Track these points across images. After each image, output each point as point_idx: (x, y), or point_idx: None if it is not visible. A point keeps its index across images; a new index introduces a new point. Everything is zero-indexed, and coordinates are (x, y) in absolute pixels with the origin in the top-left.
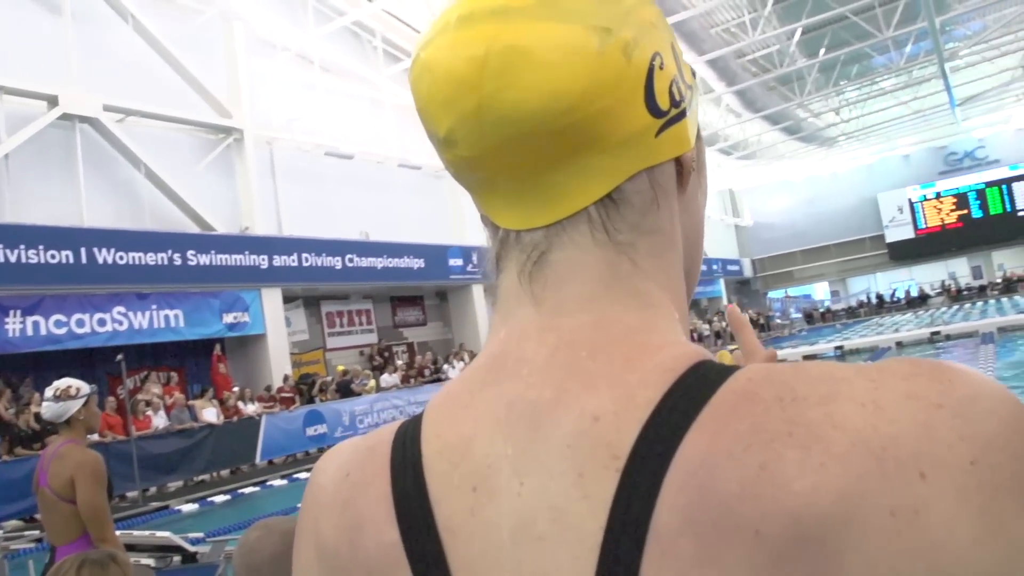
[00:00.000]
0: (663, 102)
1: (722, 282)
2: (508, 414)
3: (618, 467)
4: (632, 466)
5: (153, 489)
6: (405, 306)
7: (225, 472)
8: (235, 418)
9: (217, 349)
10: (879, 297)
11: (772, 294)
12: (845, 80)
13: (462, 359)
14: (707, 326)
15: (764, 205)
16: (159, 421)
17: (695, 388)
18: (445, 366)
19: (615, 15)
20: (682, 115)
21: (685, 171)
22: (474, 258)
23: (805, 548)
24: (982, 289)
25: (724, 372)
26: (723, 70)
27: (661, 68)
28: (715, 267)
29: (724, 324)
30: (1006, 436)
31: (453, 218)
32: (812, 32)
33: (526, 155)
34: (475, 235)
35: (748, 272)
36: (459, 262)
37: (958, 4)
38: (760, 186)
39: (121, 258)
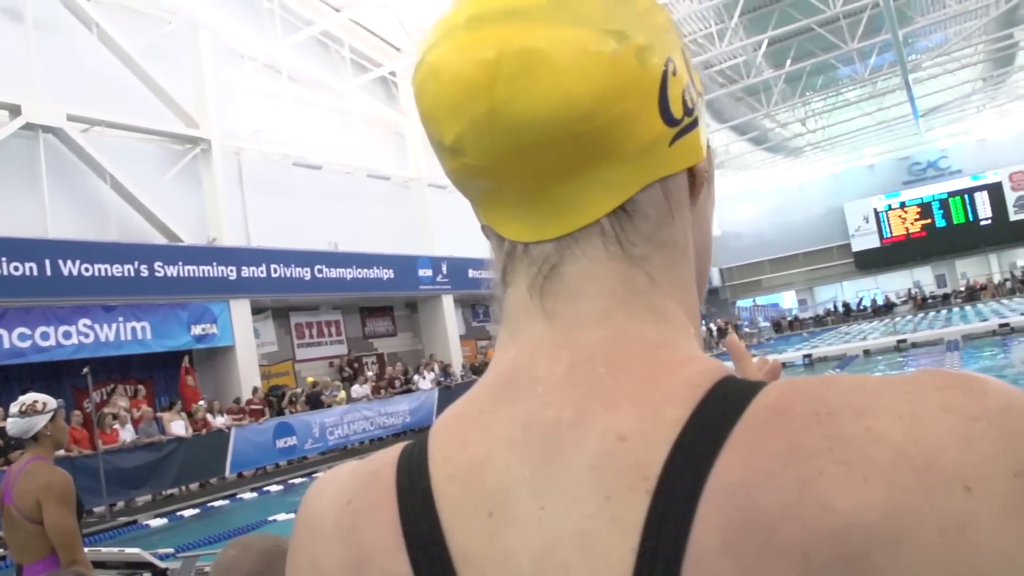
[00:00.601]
0: (676, 110)
1: None
2: (524, 435)
3: (648, 488)
4: (663, 487)
5: (121, 504)
6: (375, 317)
7: (194, 486)
8: (204, 431)
9: (185, 361)
10: (846, 305)
11: (740, 303)
12: (811, 91)
13: (432, 369)
14: None
15: (732, 215)
16: (126, 435)
17: (724, 404)
18: (415, 377)
19: (629, 18)
20: (695, 124)
21: (698, 182)
22: (444, 268)
23: (851, 567)
24: (946, 297)
25: (752, 387)
26: None
27: (674, 74)
28: None
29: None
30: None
31: (422, 228)
32: (778, 43)
33: (537, 164)
34: (444, 245)
35: (716, 281)
36: (428, 272)
37: (920, 17)
38: (728, 196)
39: (87, 270)
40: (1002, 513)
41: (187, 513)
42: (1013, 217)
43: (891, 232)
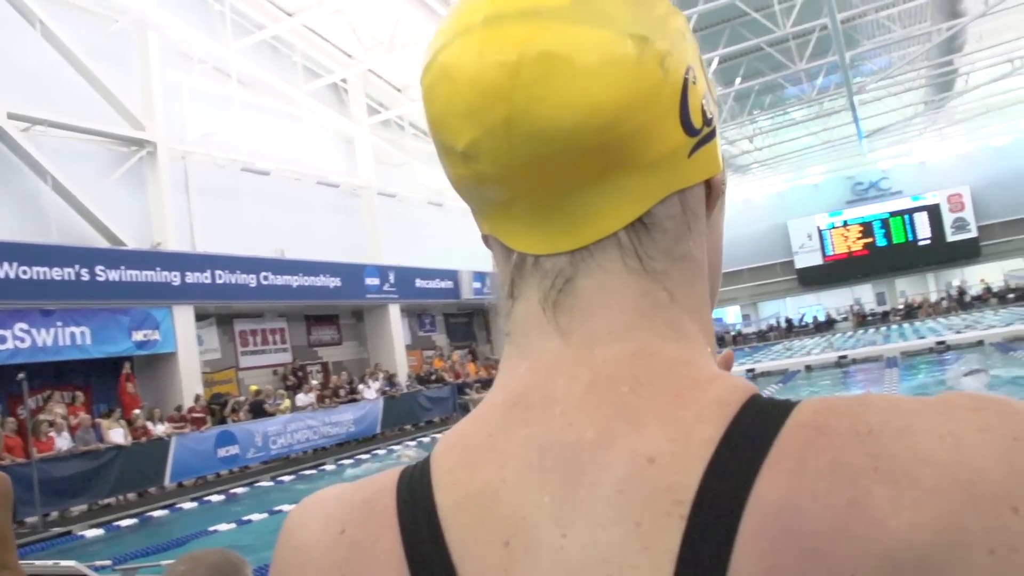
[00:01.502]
0: (696, 120)
1: None
2: (542, 459)
3: (682, 513)
4: (699, 511)
5: (55, 514)
6: (320, 325)
7: (132, 495)
8: (143, 439)
9: (126, 368)
10: (788, 321)
11: None
12: (759, 109)
13: (377, 379)
14: None
15: None
16: (63, 443)
17: (758, 423)
18: (360, 386)
19: (650, 23)
20: (713, 134)
21: (714, 194)
22: (391, 277)
23: None
24: (885, 315)
25: (783, 405)
26: None
27: (694, 83)
28: None
29: None
30: None
31: (370, 237)
32: (728, 61)
33: (555, 174)
34: (392, 255)
35: None
36: (376, 281)
37: (866, 41)
38: None
39: (24, 272)
40: None
41: (124, 523)
42: (950, 238)
43: (833, 250)
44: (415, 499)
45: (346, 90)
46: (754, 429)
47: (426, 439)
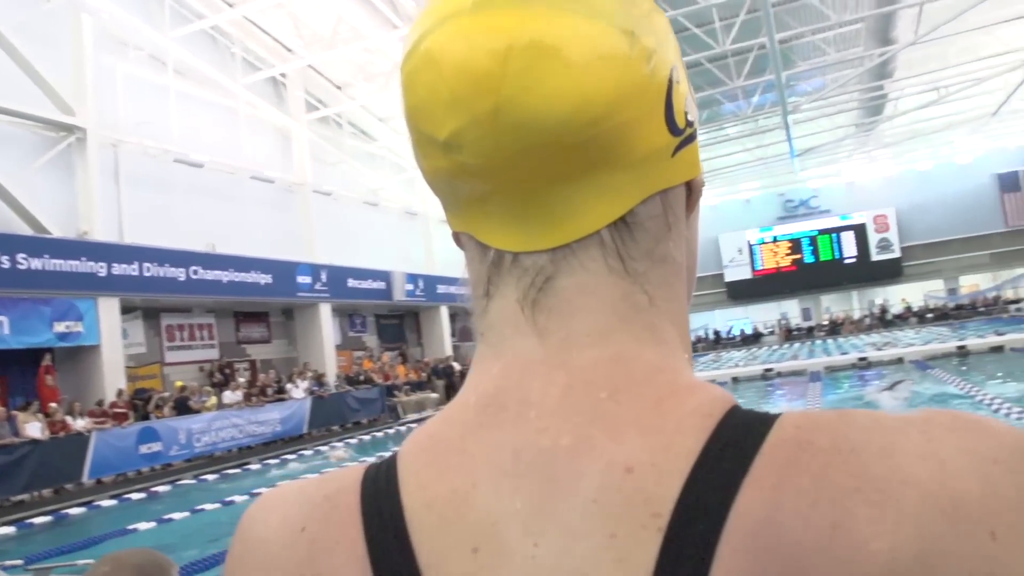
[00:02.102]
0: (680, 119)
1: None
2: (515, 464)
3: (660, 526)
4: (677, 525)
5: None
6: (249, 322)
7: (48, 492)
8: (61, 433)
9: (45, 359)
10: (716, 333)
11: None
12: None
13: (306, 378)
14: None
15: None
16: None
17: (739, 436)
18: (288, 385)
19: (638, 19)
20: (694, 136)
21: (694, 196)
22: (323, 276)
23: None
24: (810, 330)
25: (764, 418)
26: None
27: (678, 83)
28: None
29: None
30: None
31: (304, 235)
32: None
33: (539, 167)
34: (325, 253)
35: None
36: (308, 279)
37: (802, 62)
38: None
39: None
40: None
41: (39, 521)
42: (875, 257)
43: (763, 265)
44: (380, 499)
45: (285, 85)
46: (735, 442)
47: (354, 440)
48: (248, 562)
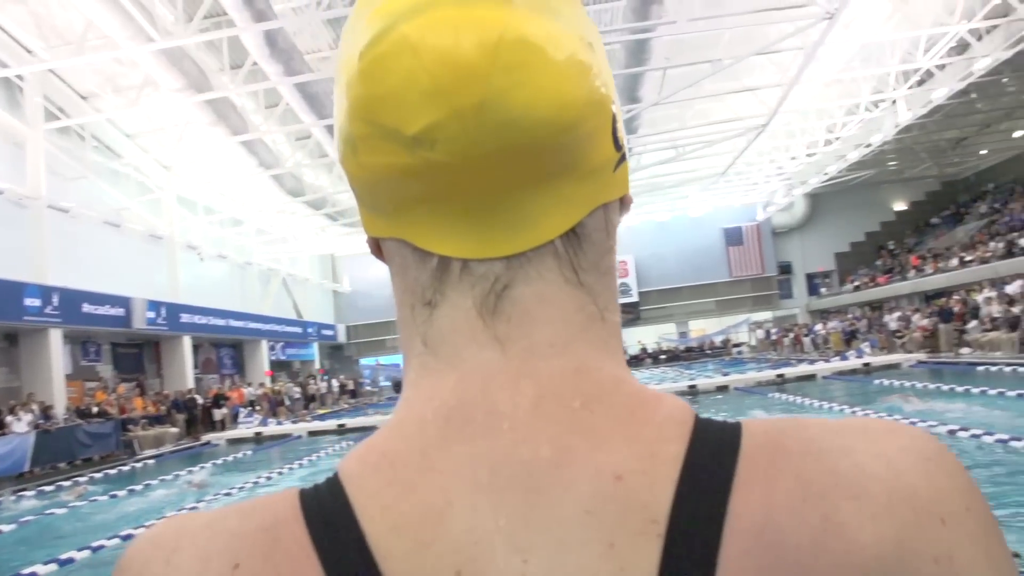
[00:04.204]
0: (620, 135)
1: (316, 346)
2: (493, 478)
3: (658, 532)
4: (676, 530)
5: None
6: None
7: None
8: None
9: None
10: None
11: (364, 361)
12: None
13: (31, 410)
14: (298, 389)
15: (363, 273)
16: None
17: (716, 441)
18: (9, 418)
19: (590, 30)
20: (626, 154)
21: (623, 212)
22: (55, 300)
23: None
24: None
25: (731, 425)
26: None
27: (614, 103)
28: (310, 331)
29: (323, 387)
30: (969, 483)
31: (34, 253)
32: None
33: (510, 170)
34: (59, 274)
35: (342, 338)
36: (36, 302)
37: None
38: (361, 254)
39: None
40: (971, 542)
41: None
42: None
43: None
44: (334, 527)
45: (21, 88)
46: (715, 447)
47: (83, 478)
48: None
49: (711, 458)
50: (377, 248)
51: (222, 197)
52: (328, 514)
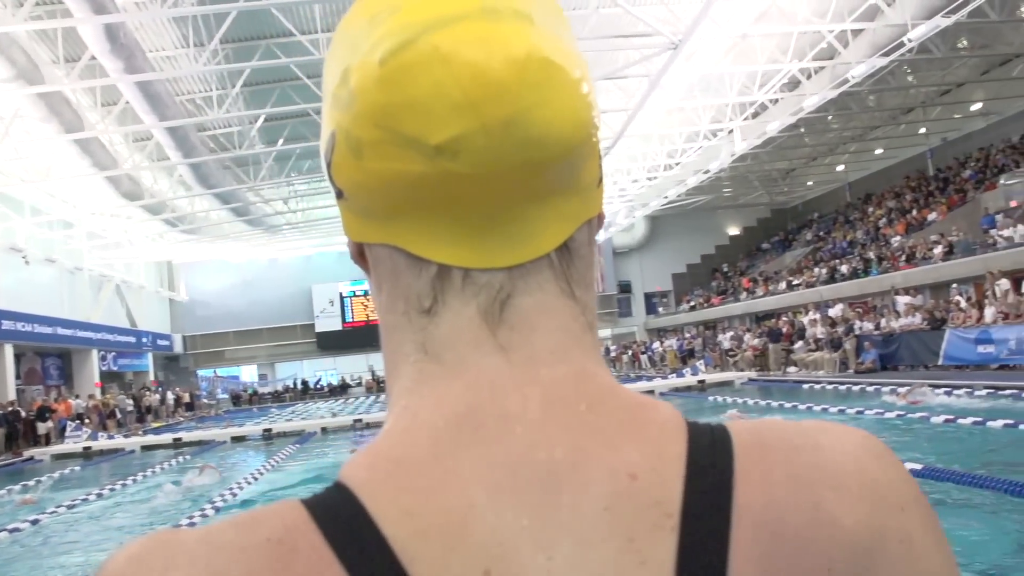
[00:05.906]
0: (601, 154)
1: (151, 356)
2: (513, 479)
3: (673, 526)
4: (689, 523)
5: None
6: None
7: None
8: None
9: None
10: (304, 383)
11: (202, 372)
12: (297, 172)
13: None
14: (131, 401)
15: (201, 282)
16: None
17: (712, 441)
18: None
19: (582, 59)
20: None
21: (599, 228)
22: None
23: None
24: None
25: (717, 425)
26: (181, 140)
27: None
28: (145, 340)
29: (157, 399)
30: (910, 476)
31: None
32: (274, 121)
33: (525, 184)
34: None
35: (179, 348)
36: None
37: None
38: (199, 262)
39: None
40: (922, 526)
41: None
42: None
43: (353, 317)
44: (356, 534)
45: None
46: (712, 446)
47: None
48: None
49: (711, 456)
50: (359, 253)
51: (52, 198)
52: (344, 522)
